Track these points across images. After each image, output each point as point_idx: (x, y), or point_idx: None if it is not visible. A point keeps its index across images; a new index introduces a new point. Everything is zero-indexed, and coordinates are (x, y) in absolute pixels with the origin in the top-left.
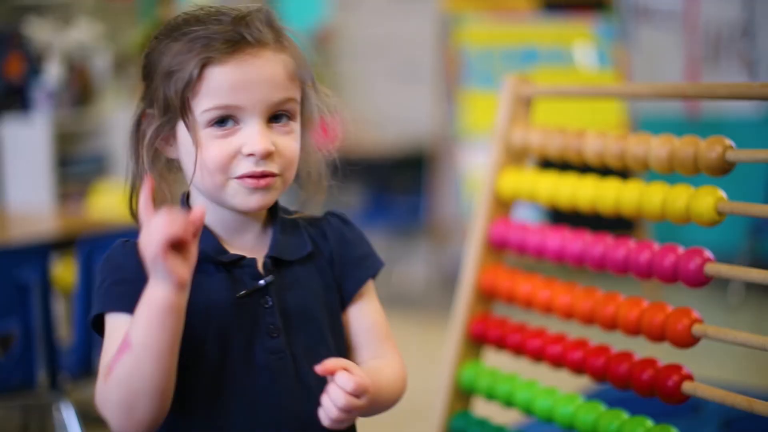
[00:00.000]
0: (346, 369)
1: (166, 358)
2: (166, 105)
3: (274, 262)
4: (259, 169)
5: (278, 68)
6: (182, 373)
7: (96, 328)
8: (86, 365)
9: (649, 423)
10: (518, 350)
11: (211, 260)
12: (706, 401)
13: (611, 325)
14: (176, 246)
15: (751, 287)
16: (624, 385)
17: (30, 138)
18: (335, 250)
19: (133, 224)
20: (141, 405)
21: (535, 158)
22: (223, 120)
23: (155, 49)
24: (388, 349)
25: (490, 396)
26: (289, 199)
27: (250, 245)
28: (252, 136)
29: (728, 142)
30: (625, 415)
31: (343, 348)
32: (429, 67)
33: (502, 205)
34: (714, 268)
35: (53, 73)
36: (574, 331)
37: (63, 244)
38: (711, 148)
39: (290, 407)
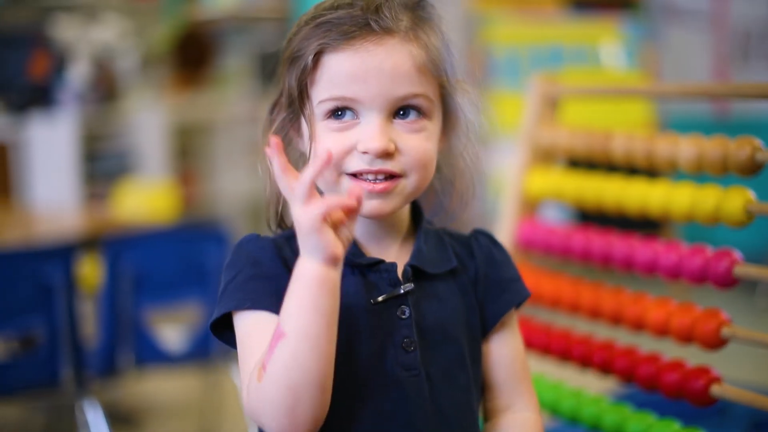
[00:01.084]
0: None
1: (324, 343)
2: (289, 94)
3: (415, 272)
4: (375, 167)
5: (404, 60)
6: None
7: (216, 328)
8: (111, 365)
9: (677, 425)
10: (544, 351)
11: (348, 262)
12: (734, 404)
13: (638, 326)
14: (332, 224)
15: None
16: (651, 387)
17: (55, 137)
18: (481, 270)
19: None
20: (303, 401)
21: (562, 158)
22: (341, 112)
23: (293, 34)
24: (524, 391)
25: None
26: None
27: (390, 253)
28: (368, 132)
29: (757, 142)
30: (652, 418)
31: (480, 378)
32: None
33: (529, 205)
34: (743, 270)
35: (79, 72)
36: (600, 332)
37: (88, 244)
38: (740, 149)
39: (423, 431)
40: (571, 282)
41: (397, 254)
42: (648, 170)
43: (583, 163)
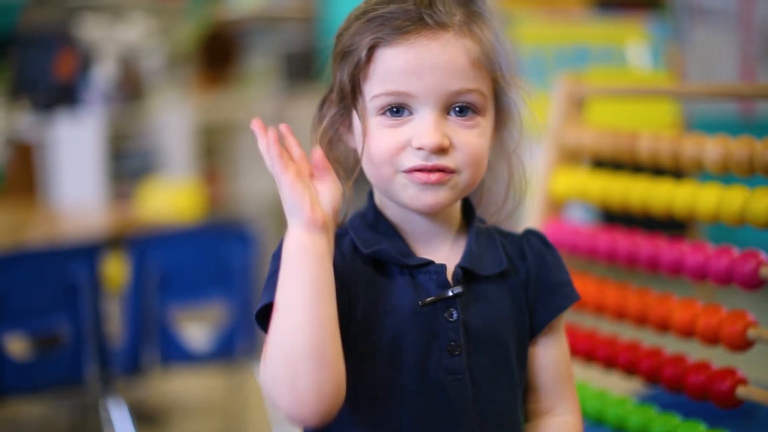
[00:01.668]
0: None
1: (313, 311)
2: (341, 89)
3: (465, 273)
4: (430, 163)
5: (458, 54)
6: (350, 379)
7: (260, 320)
8: (136, 363)
9: (702, 427)
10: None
11: (396, 262)
12: (760, 406)
13: (664, 327)
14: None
15: None
16: (676, 389)
17: (81, 136)
18: (532, 272)
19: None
20: (302, 374)
21: (588, 158)
22: (395, 109)
23: (344, 28)
24: (567, 395)
25: None
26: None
27: (440, 253)
28: (423, 128)
29: None
30: (677, 419)
31: (524, 379)
32: None
33: (554, 206)
34: None
35: (104, 71)
36: (625, 332)
37: (113, 243)
38: (767, 149)
39: None
40: (596, 282)
41: (447, 254)
42: (674, 171)
43: (608, 163)
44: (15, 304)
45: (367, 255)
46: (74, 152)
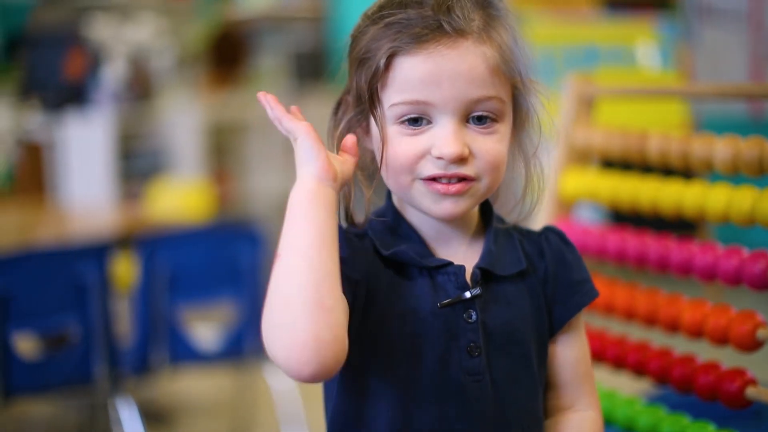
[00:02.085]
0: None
1: (315, 256)
2: (358, 94)
3: (484, 274)
4: (450, 171)
5: (477, 62)
6: (369, 380)
7: None
8: (145, 363)
9: (712, 428)
10: None
11: (415, 263)
12: None
13: (673, 327)
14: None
15: None
16: (686, 389)
17: (90, 136)
18: (551, 270)
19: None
20: (301, 317)
21: (597, 159)
22: (415, 117)
23: (358, 30)
24: (587, 391)
25: None
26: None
27: (459, 254)
28: (443, 137)
29: None
30: (686, 420)
31: (545, 378)
32: None
33: (564, 206)
34: None
35: (114, 71)
36: (634, 332)
37: (122, 242)
38: None
39: None
40: (605, 283)
41: (465, 254)
42: (683, 171)
43: (618, 163)
44: (24, 304)
45: (387, 257)
46: (84, 152)
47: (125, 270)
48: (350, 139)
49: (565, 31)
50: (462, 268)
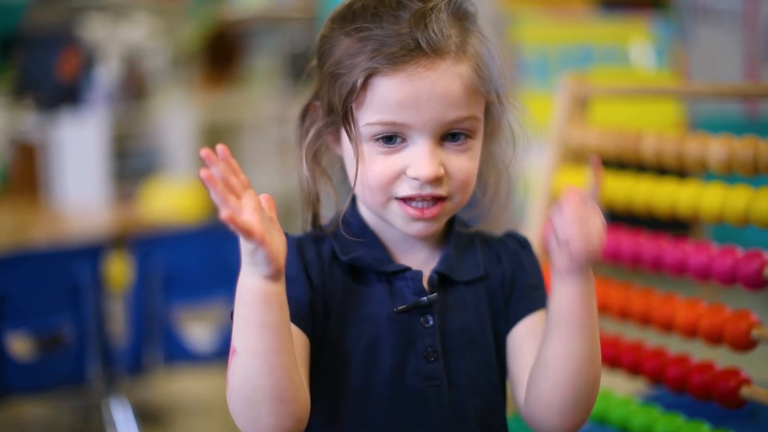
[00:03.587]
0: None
1: (273, 357)
2: (329, 107)
3: (441, 279)
4: (425, 192)
5: (455, 84)
6: (326, 388)
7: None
8: (139, 363)
9: (706, 427)
10: None
11: (373, 269)
12: (764, 406)
13: (667, 327)
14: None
15: None
16: (680, 389)
17: (84, 136)
18: (508, 274)
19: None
20: (263, 414)
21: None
22: (389, 136)
23: (328, 37)
24: None
25: None
26: None
27: (420, 259)
28: (419, 158)
29: None
30: (681, 419)
31: (505, 377)
32: None
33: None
34: None
35: (108, 71)
36: (629, 332)
37: (116, 242)
38: None
39: None
40: (599, 282)
41: (426, 259)
42: (678, 171)
43: (612, 163)
44: (18, 304)
45: (345, 262)
46: (78, 152)
47: (119, 270)
48: (269, 201)
49: (559, 30)
50: (419, 273)
